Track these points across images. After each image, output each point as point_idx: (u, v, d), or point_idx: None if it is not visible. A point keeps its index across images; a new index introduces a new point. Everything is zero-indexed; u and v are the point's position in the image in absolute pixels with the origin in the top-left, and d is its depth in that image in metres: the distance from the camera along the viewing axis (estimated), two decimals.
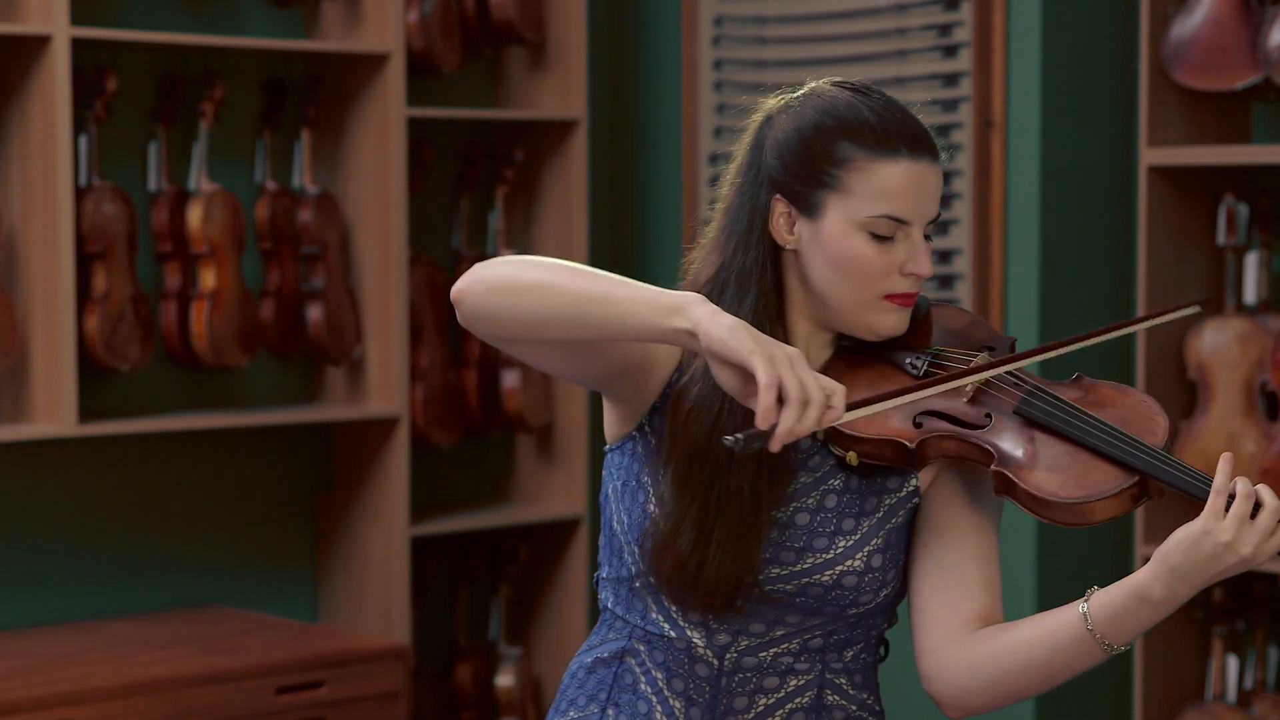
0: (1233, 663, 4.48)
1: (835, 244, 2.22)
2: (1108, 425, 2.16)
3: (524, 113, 4.97)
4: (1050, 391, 2.21)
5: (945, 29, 4.70)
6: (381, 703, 4.51)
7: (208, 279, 4.63)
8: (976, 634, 2.21)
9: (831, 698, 2.29)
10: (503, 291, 2.15)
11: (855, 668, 2.31)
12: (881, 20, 4.82)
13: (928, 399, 2.22)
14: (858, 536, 2.24)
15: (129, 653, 4.39)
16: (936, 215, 2.25)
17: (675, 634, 2.28)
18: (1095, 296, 4.70)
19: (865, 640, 2.31)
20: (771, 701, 2.28)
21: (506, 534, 5.28)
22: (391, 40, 4.76)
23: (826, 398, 2.03)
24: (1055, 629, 2.15)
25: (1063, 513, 2.14)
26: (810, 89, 2.29)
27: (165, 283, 4.67)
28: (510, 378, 5.11)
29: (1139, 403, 2.22)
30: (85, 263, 4.52)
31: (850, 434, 2.22)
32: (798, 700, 2.28)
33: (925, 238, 2.25)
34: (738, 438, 1.97)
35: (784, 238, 2.26)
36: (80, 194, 4.47)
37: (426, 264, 4.99)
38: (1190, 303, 2.33)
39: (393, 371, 4.80)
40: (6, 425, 4.38)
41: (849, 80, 2.30)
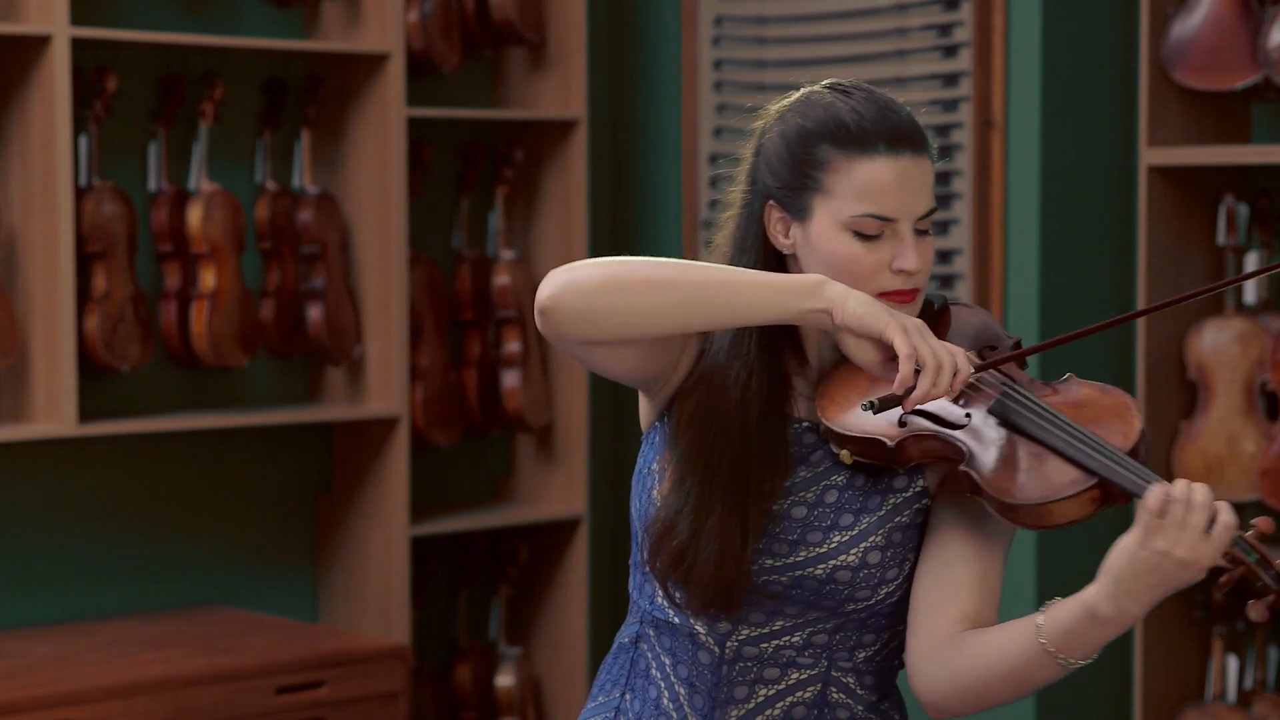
0: (1233, 663, 4.48)
1: (824, 246, 2.24)
2: (1073, 426, 2.13)
3: (524, 113, 4.97)
4: (1023, 391, 2.20)
5: (945, 29, 4.70)
6: (381, 703, 4.51)
7: (208, 279, 4.63)
8: (957, 637, 2.20)
9: (836, 695, 2.29)
10: (615, 290, 2.17)
11: (867, 669, 2.30)
12: (881, 20, 4.82)
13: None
14: (854, 532, 2.24)
15: (129, 653, 4.38)
16: (930, 209, 2.24)
17: (679, 620, 2.31)
18: (1095, 296, 4.70)
19: (882, 643, 2.30)
20: (772, 693, 2.28)
21: (506, 534, 5.28)
22: (391, 40, 4.76)
23: (955, 362, 2.15)
24: (1015, 639, 2.14)
25: (1024, 514, 2.11)
26: (803, 93, 2.31)
27: (165, 283, 4.67)
28: (510, 378, 5.11)
29: (1115, 403, 2.18)
30: (85, 263, 4.52)
31: (841, 432, 2.22)
32: (799, 694, 2.28)
33: (924, 232, 2.25)
34: (873, 402, 2.12)
35: (781, 243, 2.29)
36: (80, 194, 4.47)
37: (426, 264, 4.99)
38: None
39: (393, 371, 4.80)
40: (6, 425, 4.38)
41: (842, 81, 2.31)
